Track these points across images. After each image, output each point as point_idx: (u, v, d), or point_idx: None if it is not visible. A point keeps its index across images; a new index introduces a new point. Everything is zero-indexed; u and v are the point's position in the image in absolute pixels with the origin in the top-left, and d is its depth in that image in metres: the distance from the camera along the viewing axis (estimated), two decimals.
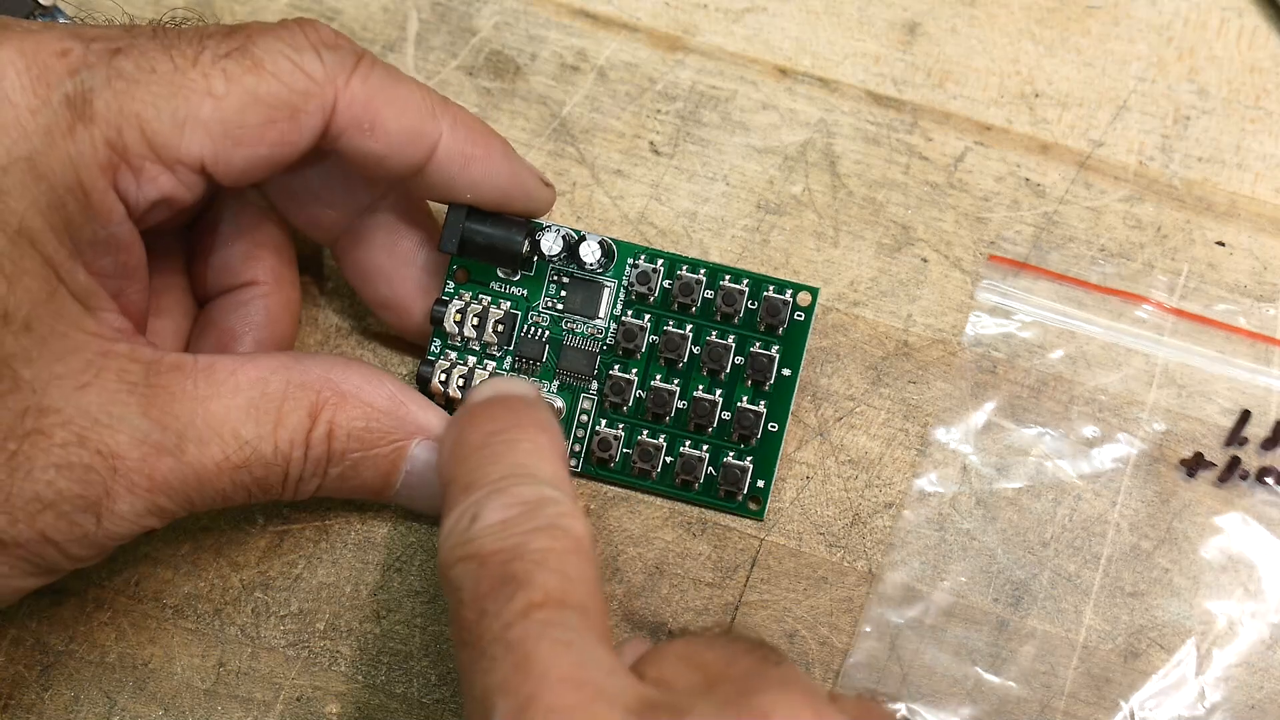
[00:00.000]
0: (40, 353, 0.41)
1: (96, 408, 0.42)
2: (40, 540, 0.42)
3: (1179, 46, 0.54)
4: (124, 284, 0.44)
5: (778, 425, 0.49)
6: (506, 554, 0.39)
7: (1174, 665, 0.48)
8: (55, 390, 0.41)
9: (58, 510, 0.42)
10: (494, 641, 0.38)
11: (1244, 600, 0.49)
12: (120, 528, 0.43)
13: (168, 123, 0.42)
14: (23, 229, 0.41)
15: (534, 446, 0.43)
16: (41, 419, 0.41)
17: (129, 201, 0.42)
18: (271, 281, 0.49)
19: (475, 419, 0.44)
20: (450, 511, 0.41)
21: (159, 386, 0.43)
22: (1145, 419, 0.50)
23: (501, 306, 0.50)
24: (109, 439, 0.42)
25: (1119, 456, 0.50)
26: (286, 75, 0.43)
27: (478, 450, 0.43)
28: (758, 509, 0.49)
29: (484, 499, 0.41)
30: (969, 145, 0.53)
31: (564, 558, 0.39)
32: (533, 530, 0.40)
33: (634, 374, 0.49)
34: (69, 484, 0.42)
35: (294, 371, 0.45)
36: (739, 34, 0.55)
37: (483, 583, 0.39)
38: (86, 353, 0.42)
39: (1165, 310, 0.51)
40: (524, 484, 0.41)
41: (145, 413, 0.42)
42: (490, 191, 0.47)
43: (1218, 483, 0.50)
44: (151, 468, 0.42)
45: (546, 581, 0.38)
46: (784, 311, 0.49)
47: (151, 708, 0.49)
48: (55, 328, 0.42)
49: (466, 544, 0.40)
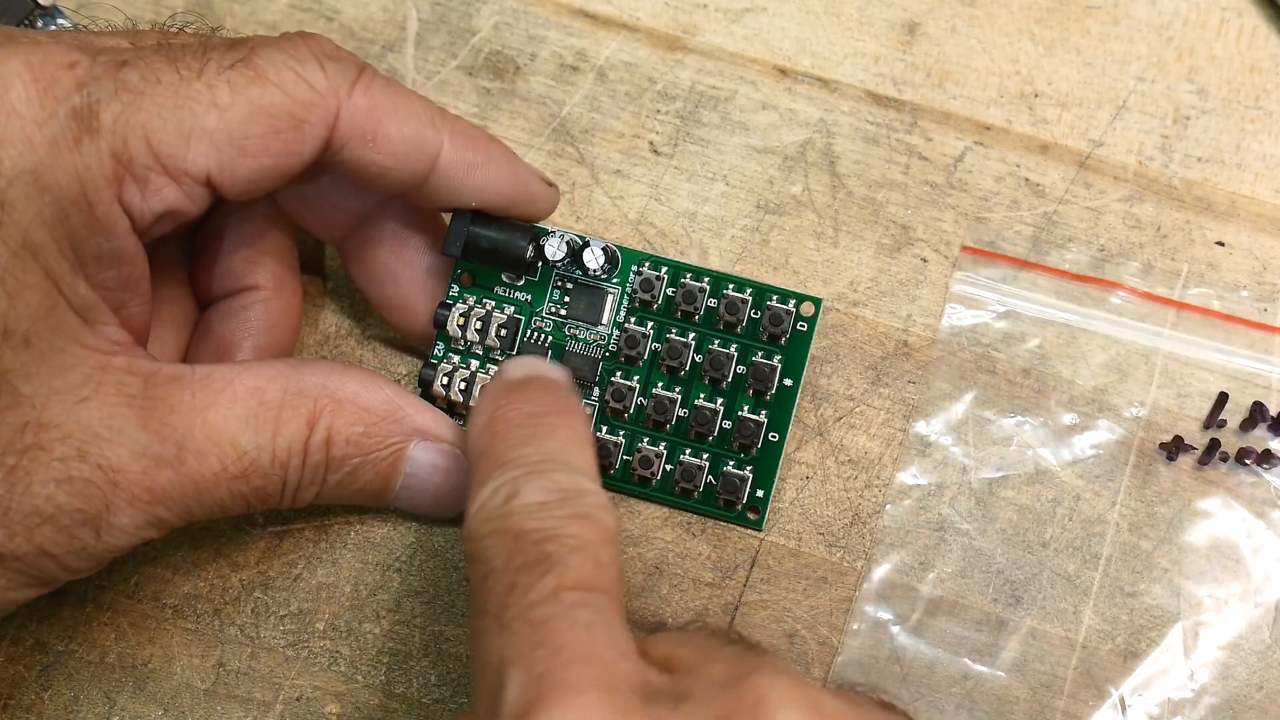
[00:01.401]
0: (39, 368, 0.41)
1: (96, 421, 0.42)
2: (38, 554, 0.42)
3: (1179, 46, 0.54)
4: (126, 296, 0.44)
5: (778, 435, 0.49)
6: (542, 534, 0.40)
7: (1162, 650, 0.48)
8: (55, 405, 0.41)
9: (56, 524, 0.42)
10: (517, 617, 0.38)
11: (1229, 582, 0.49)
12: (119, 540, 0.43)
13: (173, 134, 0.42)
14: (26, 243, 0.41)
15: (572, 434, 0.43)
16: (41, 434, 0.41)
17: (134, 214, 0.42)
18: (272, 287, 0.49)
19: (514, 397, 0.44)
20: (484, 484, 0.42)
21: (157, 399, 0.43)
22: (1124, 405, 0.50)
23: (505, 311, 0.50)
24: (109, 452, 0.42)
25: (1099, 443, 0.50)
26: (290, 86, 0.43)
27: (516, 427, 0.43)
28: (756, 519, 0.49)
29: (522, 478, 0.41)
30: (969, 145, 0.53)
31: (597, 546, 0.40)
32: (569, 516, 0.41)
33: (635, 381, 0.49)
34: (68, 498, 0.42)
35: (291, 380, 0.45)
36: (739, 34, 0.55)
37: (515, 557, 0.40)
38: (85, 367, 0.42)
39: (1139, 296, 0.51)
40: (562, 471, 0.42)
41: (144, 425, 0.43)
42: (495, 197, 0.47)
43: (1198, 466, 0.50)
44: (151, 480, 0.43)
45: (579, 566, 0.39)
46: (787, 321, 0.49)
47: (151, 708, 0.49)
48: (54, 343, 0.42)
49: (503, 518, 0.41)
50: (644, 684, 0.38)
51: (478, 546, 0.41)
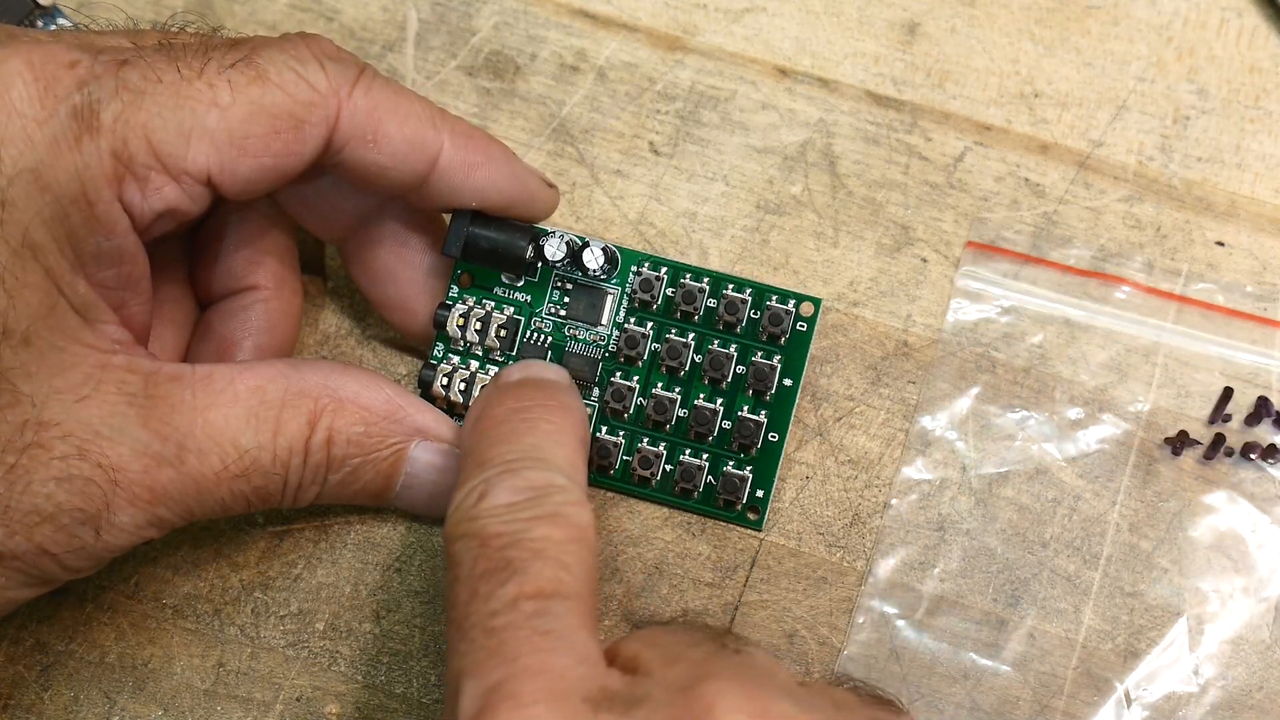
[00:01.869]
0: (39, 367, 0.41)
1: (97, 420, 0.42)
2: (37, 552, 0.42)
3: (1179, 46, 0.54)
4: (126, 295, 0.44)
5: (778, 435, 0.49)
6: (507, 539, 0.40)
7: (1167, 644, 0.48)
8: (55, 403, 0.41)
9: (56, 523, 0.42)
10: (476, 625, 0.39)
11: (1234, 576, 0.49)
12: (119, 539, 0.43)
13: (173, 133, 0.42)
14: (26, 241, 0.41)
15: (553, 428, 0.44)
16: (41, 432, 0.41)
17: (134, 213, 0.42)
18: (273, 287, 0.49)
19: (503, 395, 0.45)
20: (462, 484, 0.42)
21: (158, 398, 0.43)
22: (1126, 400, 0.50)
23: (505, 312, 0.50)
24: (110, 451, 0.42)
25: (1103, 438, 0.50)
26: (290, 86, 0.43)
27: (498, 425, 0.44)
28: (756, 519, 0.49)
29: (494, 478, 0.42)
30: (969, 145, 0.53)
31: (563, 547, 0.40)
32: (536, 518, 0.41)
33: (635, 381, 0.49)
34: (68, 497, 0.42)
35: (291, 379, 0.45)
36: (739, 34, 0.55)
37: (480, 563, 0.40)
38: (85, 366, 0.42)
39: (1143, 290, 0.51)
40: (535, 468, 0.42)
41: (145, 424, 0.43)
42: (495, 197, 0.47)
43: (1203, 461, 0.50)
44: (152, 479, 0.43)
45: (541, 571, 0.40)
46: (786, 321, 0.49)
47: (151, 708, 0.49)
48: (54, 341, 0.42)
49: (471, 520, 0.41)
50: (599, 690, 0.38)
51: (451, 549, 0.41)
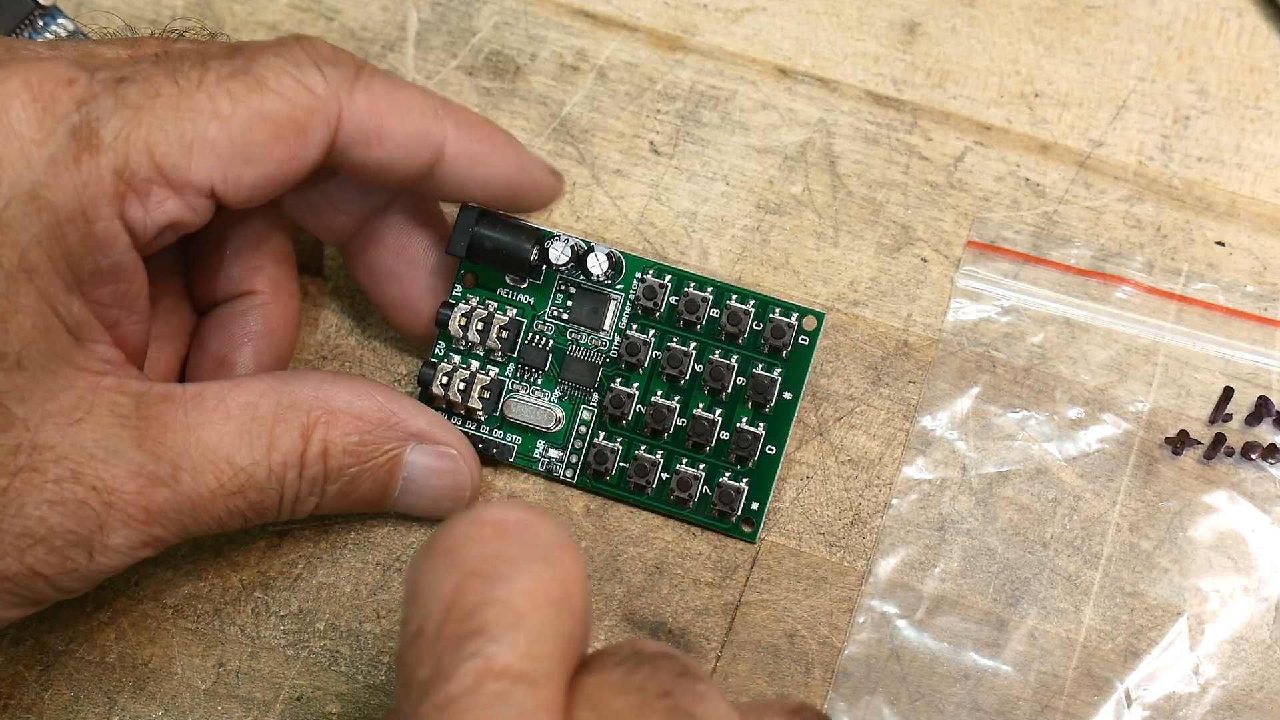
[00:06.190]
0: (33, 390, 0.41)
1: (91, 443, 0.42)
2: (29, 574, 0.42)
3: (1179, 46, 0.54)
4: (122, 313, 0.44)
5: (776, 448, 0.49)
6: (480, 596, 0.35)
7: (1168, 644, 0.48)
8: (49, 427, 0.41)
9: (49, 545, 0.42)
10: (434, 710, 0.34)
11: (1234, 576, 0.49)
12: (113, 561, 0.43)
13: (175, 146, 0.42)
14: (23, 264, 0.40)
15: None
16: (35, 456, 0.41)
17: (136, 229, 0.42)
18: (271, 291, 0.49)
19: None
20: None
21: (150, 418, 0.43)
22: (1127, 400, 0.50)
23: (507, 313, 0.50)
24: (104, 473, 0.42)
25: (1103, 437, 0.50)
26: (290, 92, 0.43)
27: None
28: (750, 531, 0.49)
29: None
30: (969, 145, 0.53)
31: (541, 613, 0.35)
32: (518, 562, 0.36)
33: (635, 388, 0.49)
34: (61, 519, 0.41)
35: (283, 393, 0.45)
36: (739, 34, 0.55)
37: (447, 626, 0.35)
38: (77, 388, 0.42)
39: (1144, 290, 0.51)
40: None
41: (139, 445, 0.42)
42: (500, 186, 0.47)
43: (1203, 460, 0.50)
44: (147, 499, 0.42)
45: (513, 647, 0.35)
46: (789, 334, 0.49)
47: (151, 708, 0.49)
48: (47, 365, 0.41)
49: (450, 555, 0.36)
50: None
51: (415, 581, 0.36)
